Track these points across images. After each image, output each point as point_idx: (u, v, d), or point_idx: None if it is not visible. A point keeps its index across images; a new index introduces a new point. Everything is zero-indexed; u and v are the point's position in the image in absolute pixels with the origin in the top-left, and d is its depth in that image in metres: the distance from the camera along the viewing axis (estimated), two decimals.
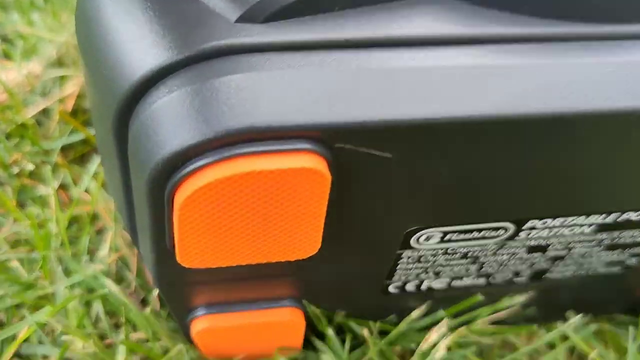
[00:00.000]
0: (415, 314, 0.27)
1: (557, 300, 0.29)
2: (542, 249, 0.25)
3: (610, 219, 0.24)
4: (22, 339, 0.27)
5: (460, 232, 0.23)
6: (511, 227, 0.23)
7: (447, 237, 0.23)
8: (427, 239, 0.23)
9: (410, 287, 0.26)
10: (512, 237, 0.24)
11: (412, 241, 0.23)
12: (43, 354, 0.28)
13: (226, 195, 0.18)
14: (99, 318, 0.29)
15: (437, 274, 0.25)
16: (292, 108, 0.17)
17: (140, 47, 0.19)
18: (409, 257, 0.24)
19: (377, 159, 0.19)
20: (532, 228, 0.23)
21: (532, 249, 0.25)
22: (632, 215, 0.24)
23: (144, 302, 0.29)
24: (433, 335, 0.26)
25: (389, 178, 0.20)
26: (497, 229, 0.23)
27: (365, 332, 0.26)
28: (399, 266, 0.24)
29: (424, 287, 0.26)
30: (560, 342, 0.29)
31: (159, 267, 0.22)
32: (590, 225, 0.24)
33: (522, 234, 0.24)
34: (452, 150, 0.19)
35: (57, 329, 0.28)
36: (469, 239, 0.23)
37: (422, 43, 0.19)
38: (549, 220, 0.23)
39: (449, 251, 0.24)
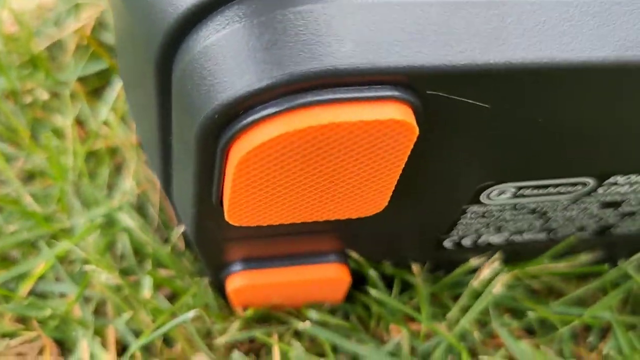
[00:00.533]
0: (474, 262, 0.24)
1: (614, 251, 0.27)
2: (617, 204, 0.22)
3: None
4: (39, 274, 0.24)
5: (536, 187, 0.20)
6: (591, 182, 0.20)
7: (521, 192, 0.20)
8: (499, 194, 0.20)
9: (466, 241, 0.23)
10: (589, 193, 0.21)
11: (482, 196, 0.20)
12: (60, 292, 0.25)
13: (293, 151, 0.15)
14: (122, 254, 0.26)
15: (498, 229, 0.23)
16: (381, 47, 0.14)
17: None
18: (473, 212, 0.21)
19: (468, 109, 0.15)
20: (614, 184, 0.21)
21: (605, 205, 0.22)
22: None
23: (167, 241, 0.27)
24: (485, 272, 0.24)
25: (476, 130, 0.17)
26: (575, 184, 0.20)
27: (415, 269, 0.24)
28: (460, 221, 0.22)
29: (481, 241, 0.23)
30: (611, 289, 0.27)
31: (199, 223, 0.19)
32: None
33: (601, 190, 0.21)
34: (557, 99, 0.16)
35: (75, 265, 0.26)
36: (543, 194, 0.21)
37: None
38: (632, 176, 0.21)
39: (517, 206, 0.21)
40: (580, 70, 0.15)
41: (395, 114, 0.14)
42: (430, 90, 0.15)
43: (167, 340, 0.24)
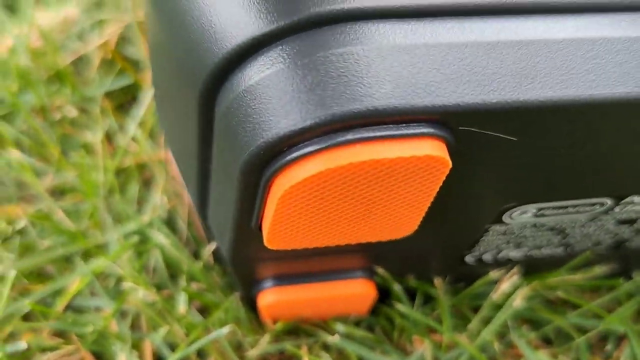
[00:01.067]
0: (494, 275, 0.25)
1: (629, 263, 0.28)
2: (632, 221, 0.23)
3: None
4: (76, 290, 0.26)
5: (556, 207, 0.21)
6: (609, 202, 0.21)
7: (541, 212, 0.21)
8: (521, 214, 0.21)
9: (487, 257, 0.24)
10: (606, 212, 0.22)
11: (505, 216, 0.21)
12: (96, 306, 0.26)
13: (334, 184, 0.16)
14: (155, 268, 0.27)
15: (517, 245, 0.24)
16: (418, 88, 0.15)
17: (236, 9, 0.16)
18: (495, 231, 0.22)
19: (496, 140, 0.16)
20: (630, 203, 0.22)
21: (621, 222, 0.23)
22: None
23: (196, 255, 0.28)
24: (504, 285, 0.25)
25: (503, 158, 0.18)
26: (594, 204, 0.21)
27: (437, 283, 0.25)
28: (482, 239, 0.23)
29: (501, 256, 0.24)
30: (626, 300, 0.28)
31: (236, 246, 0.20)
32: None
33: (617, 208, 0.22)
34: (581, 131, 0.17)
35: (110, 280, 0.27)
36: (563, 214, 0.22)
37: (557, 10, 0.17)
38: None
39: (537, 225, 0.22)
40: (604, 105, 0.16)
41: (431, 150, 0.15)
42: (463, 127, 0.16)
43: (201, 353, 0.25)
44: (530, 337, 0.27)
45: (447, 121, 0.16)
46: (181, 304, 0.25)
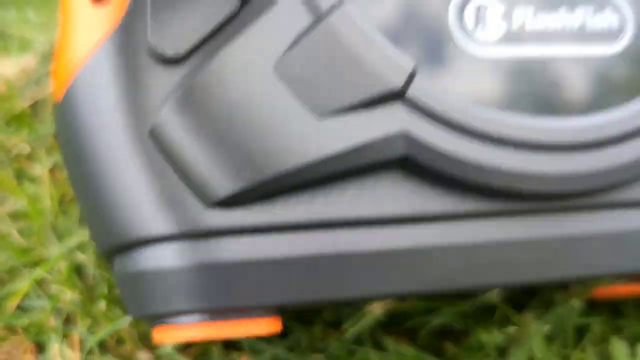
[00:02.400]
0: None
1: None
2: None
3: None
4: (22, 294, 0.32)
5: None
6: None
7: None
8: None
9: None
10: None
11: None
12: (41, 306, 0.33)
13: None
14: (93, 275, 0.34)
15: None
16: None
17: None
18: None
19: None
20: None
21: None
22: None
23: None
24: None
25: None
26: None
27: None
28: None
29: None
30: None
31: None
32: None
33: None
34: None
35: (51, 286, 0.35)
36: None
37: (358, 223, 0.21)
38: None
39: None
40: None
41: None
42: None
43: (120, 340, 0.33)
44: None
45: None
46: (102, 304, 0.33)
